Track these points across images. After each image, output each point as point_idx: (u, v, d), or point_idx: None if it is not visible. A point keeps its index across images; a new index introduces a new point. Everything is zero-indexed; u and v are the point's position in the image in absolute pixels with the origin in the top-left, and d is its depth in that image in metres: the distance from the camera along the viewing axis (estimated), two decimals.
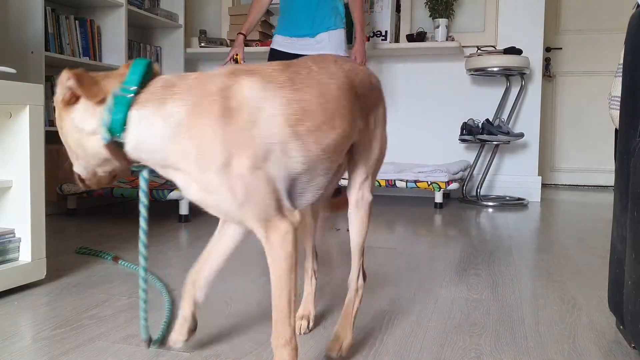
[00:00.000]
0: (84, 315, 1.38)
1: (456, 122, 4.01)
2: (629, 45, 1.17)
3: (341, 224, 2.79)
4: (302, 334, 1.28)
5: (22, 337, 1.24)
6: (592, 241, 2.46)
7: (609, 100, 1.33)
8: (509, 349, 1.22)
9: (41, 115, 1.62)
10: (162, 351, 1.17)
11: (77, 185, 2.90)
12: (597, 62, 5.02)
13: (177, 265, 1.89)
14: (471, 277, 1.81)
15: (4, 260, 1.56)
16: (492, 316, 1.43)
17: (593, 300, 1.58)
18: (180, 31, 4.10)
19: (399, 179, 3.53)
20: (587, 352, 1.20)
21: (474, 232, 2.66)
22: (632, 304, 1.07)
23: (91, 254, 2.05)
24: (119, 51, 3.47)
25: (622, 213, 1.16)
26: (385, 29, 3.84)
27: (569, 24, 5.06)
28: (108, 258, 1.97)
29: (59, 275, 1.76)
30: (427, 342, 1.24)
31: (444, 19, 3.79)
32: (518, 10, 3.87)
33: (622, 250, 1.17)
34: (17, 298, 1.52)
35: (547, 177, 5.17)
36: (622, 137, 1.18)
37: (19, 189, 1.60)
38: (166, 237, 2.39)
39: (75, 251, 2.09)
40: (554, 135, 5.16)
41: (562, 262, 2.05)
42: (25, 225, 1.60)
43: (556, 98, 5.14)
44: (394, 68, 4.10)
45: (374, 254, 2.13)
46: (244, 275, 1.78)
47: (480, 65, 3.63)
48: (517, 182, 3.94)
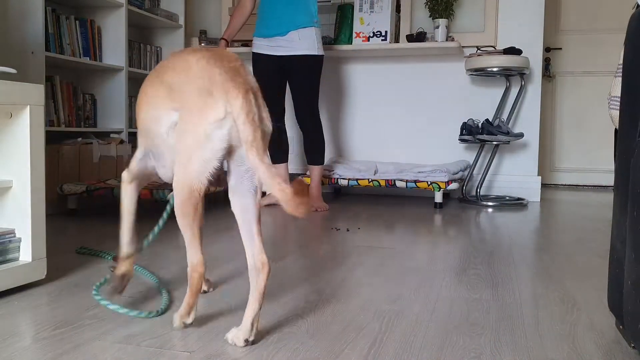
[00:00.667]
0: (84, 315, 1.39)
1: (456, 122, 4.01)
2: (629, 45, 1.17)
3: (341, 224, 2.79)
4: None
5: (22, 336, 1.24)
6: (592, 241, 2.46)
7: (609, 100, 1.33)
8: (509, 348, 1.22)
9: (41, 116, 1.62)
10: (162, 351, 1.17)
11: (77, 185, 2.90)
12: (597, 62, 5.03)
13: (177, 265, 1.90)
14: (471, 277, 1.81)
15: (4, 260, 1.57)
16: (492, 316, 1.43)
17: (593, 300, 1.59)
18: (181, 31, 4.10)
19: (399, 179, 3.53)
20: (587, 352, 1.20)
21: (474, 232, 2.66)
22: (632, 303, 1.07)
23: (91, 254, 2.05)
24: (120, 51, 3.48)
25: (622, 213, 1.16)
26: (385, 29, 3.84)
27: (568, 24, 5.06)
28: (108, 258, 1.97)
29: (59, 275, 1.76)
30: (427, 342, 1.24)
31: (443, 19, 3.80)
32: (518, 11, 3.87)
33: (622, 250, 1.17)
34: (17, 298, 1.52)
35: (547, 177, 5.17)
36: (622, 137, 1.18)
37: (19, 189, 1.60)
38: (166, 237, 2.39)
39: (75, 251, 2.10)
40: (554, 135, 5.16)
41: (562, 262, 2.05)
42: (26, 225, 1.60)
43: (556, 98, 5.14)
44: (394, 68, 4.10)
45: (374, 253, 2.13)
46: (243, 276, 1.78)
47: (480, 65, 3.63)
48: (516, 182, 3.94)
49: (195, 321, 1.29)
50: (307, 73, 3.24)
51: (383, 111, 4.15)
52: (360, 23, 3.89)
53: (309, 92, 3.27)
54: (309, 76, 3.25)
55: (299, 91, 3.27)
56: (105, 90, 3.50)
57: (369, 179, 3.59)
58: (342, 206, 3.49)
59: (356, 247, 2.24)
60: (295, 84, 3.28)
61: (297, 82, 3.27)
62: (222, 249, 2.16)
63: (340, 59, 4.20)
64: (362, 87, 4.18)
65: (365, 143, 4.20)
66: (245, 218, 1.23)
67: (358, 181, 3.61)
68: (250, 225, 1.23)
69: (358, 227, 2.71)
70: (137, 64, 3.84)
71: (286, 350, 1.18)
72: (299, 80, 3.26)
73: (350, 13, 3.96)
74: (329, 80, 4.23)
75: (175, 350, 1.17)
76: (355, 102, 4.20)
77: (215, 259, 1.97)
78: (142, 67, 3.89)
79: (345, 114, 4.22)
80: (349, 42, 3.96)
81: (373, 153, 4.18)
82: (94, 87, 3.51)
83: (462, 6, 3.97)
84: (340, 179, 3.65)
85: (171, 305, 1.47)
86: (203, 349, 1.19)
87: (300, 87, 3.27)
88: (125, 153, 3.40)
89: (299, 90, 3.27)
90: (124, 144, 3.40)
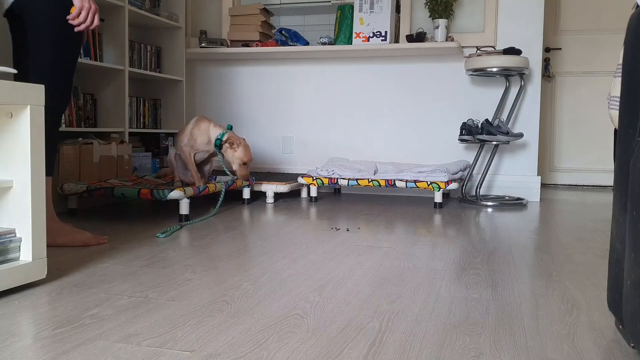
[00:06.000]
0: (84, 315, 1.39)
1: (456, 122, 4.01)
2: (629, 46, 1.17)
3: (341, 224, 2.79)
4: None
5: (23, 336, 1.25)
6: (592, 241, 2.46)
7: (609, 101, 1.33)
8: (509, 348, 1.22)
9: (42, 116, 1.62)
10: (162, 350, 1.17)
11: (77, 185, 2.91)
12: (597, 62, 5.03)
13: (177, 265, 1.90)
14: (471, 277, 1.81)
15: (5, 260, 1.57)
16: (492, 315, 1.43)
17: (592, 299, 1.59)
18: (181, 32, 4.10)
19: (398, 179, 3.53)
20: (587, 352, 1.21)
21: (474, 231, 2.66)
22: (631, 303, 1.07)
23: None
24: (120, 51, 3.48)
25: (621, 213, 1.17)
26: (385, 30, 3.84)
27: (568, 24, 5.06)
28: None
29: (60, 274, 1.76)
30: (426, 342, 1.25)
31: (443, 19, 3.80)
32: (517, 11, 3.87)
33: (622, 249, 1.17)
34: (18, 297, 1.52)
35: (547, 177, 5.17)
36: (622, 137, 1.18)
37: (19, 188, 1.60)
38: (167, 237, 2.39)
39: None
40: (554, 135, 5.16)
41: (561, 261, 2.06)
42: (26, 225, 1.60)
43: (555, 98, 5.15)
44: (394, 68, 4.11)
45: (373, 253, 2.13)
46: (243, 275, 1.78)
47: (479, 65, 3.63)
48: (516, 182, 3.94)
49: (196, 321, 1.29)
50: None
51: (383, 111, 4.15)
52: (360, 23, 3.90)
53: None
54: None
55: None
56: (106, 90, 3.50)
57: (369, 179, 3.59)
58: (342, 206, 3.49)
59: (356, 247, 2.24)
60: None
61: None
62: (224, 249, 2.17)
63: (340, 59, 4.21)
64: (361, 87, 4.18)
65: (365, 143, 4.20)
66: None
67: (358, 181, 3.61)
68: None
69: (358, 227, 2.71)
70: (137, 64, 3.84)
71: (286, 350, 1.19)
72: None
73: (350, 13, 3.97)
74: (329, 80, 4.23)
75: (175, 350, 1.18)
76: (355, 102, 4.20)
77: (213, 259, 1.98)
78: (142, 67, 3.89)
79: (345, 113, 4.23)
80: (348, 42, 3.97)
81: (373, 153, 4.18)
82: (95, 87, 3.51)
83: (461, 6, 3.98)
84: (340, 179, 3.66)
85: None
86: (203, 349, 1.19)
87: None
88: (126, 153, 3.40)
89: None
90: (124, 144, 3.40)
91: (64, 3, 2.01)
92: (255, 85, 4.40)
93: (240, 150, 3.03)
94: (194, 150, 3.05)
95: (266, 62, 4.36)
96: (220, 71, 4.45)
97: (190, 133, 3.05)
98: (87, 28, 2.05)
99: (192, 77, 4.50)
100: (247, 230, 2.57)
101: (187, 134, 3.07)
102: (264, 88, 4.38)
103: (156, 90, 4.17)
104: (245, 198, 3.51)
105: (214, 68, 4.46)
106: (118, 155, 3.34)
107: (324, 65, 4.25)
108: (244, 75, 4.42)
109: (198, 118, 3.10)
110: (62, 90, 2.07)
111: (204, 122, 3.07)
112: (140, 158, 3.76)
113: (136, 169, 3.70)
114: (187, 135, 3.06)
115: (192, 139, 3.04)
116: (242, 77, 4.42)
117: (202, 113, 4.48)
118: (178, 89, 4.14)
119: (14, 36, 2.15)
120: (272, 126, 4.38)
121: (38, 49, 2.01)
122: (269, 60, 4.36)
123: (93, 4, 2.03)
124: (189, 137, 3.05)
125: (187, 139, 3.06)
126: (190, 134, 3.05)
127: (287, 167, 4.37)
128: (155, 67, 4.06)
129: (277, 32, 4.19)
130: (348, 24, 3.98)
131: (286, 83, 4.33)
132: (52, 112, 2.01)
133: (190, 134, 3.05)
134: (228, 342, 1.23)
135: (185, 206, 2.81)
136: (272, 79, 4.36)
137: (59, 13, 2.01)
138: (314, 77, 4.27)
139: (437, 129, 4.06)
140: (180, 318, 1.37)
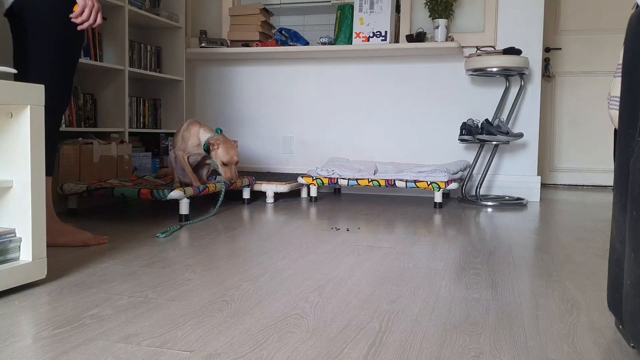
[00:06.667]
0: (84, 315, 1.39)
1: (456, 122, 4.01)
2: (629, 46, 1.17)
3: (341, 224, 2.79)
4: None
5: (23, 336, 1.25)
6: (592, 241, 2.46)
7: (608, 101, 1.33)
8: (509, 348, 1.22)
9: (42, 116, 1.62)
10: (162, 350, 1.17)
11: (77, 185, 2.91)
12: (597, 62, 5.03)
13: (177, 265, 1.90)
14: (470, 277, 1.81)
15: (5, 260, 1.57)
16: (492, 315, 1.43)
17: (592, 299, 1.59)
18: (181, 32, 4.10)
19: (398, 179, 3.53)
20: (587, 352, 1.21)
21: (474, 231, 2.66)
22: (631, 303, 1.07)
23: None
24: (120, 51, 3.48)
25: (621, 213, 1.17)
26: (385, 30, 3.84)
27: (568, 24, 5.06)
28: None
29: (60, 274, 1.76)
30: (426, 342, 1.25)
31: (443, 19, 3.80)
32: (517, 11, 3.87)
33: (622, 249, 1.17)
34: (18, 297, 1.52)
35: (547, 177, 5.17)
36: (622, 137, 1.18)
37: (19, 188, 1.60)
38: (167, 237, 2.39)
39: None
40: (553, 135, 5.16)
41: (561, 261, 2.06)
42: (26, 225, 1.60)
43: (555, 98, 5.15)
44: (394, 68, 4.11)
45: (373, 253, 2.13)
46: (243, 275, 1.78)
47: (479, 65, 3.63)
48: (516, 182, 3.94)
49: (195, 321, 1.29)
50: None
51: (383, 111, 4.15)
52: (360, 23, 3.90)
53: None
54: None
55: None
56: (106, 90, 3.50)
57: (368, 179, 3.59)
58: (342, 206, 3.49)
59: (356, 247, 2.24)
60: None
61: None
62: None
63: (340, 59, 4.21)
64: (361, 87, 4.18)
65: (365, 143, 4.20)
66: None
67: (358, 181, 3.61)
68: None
69: (358, 227, 2.71)
70: (137, 64, 3.84)
71: (286, 349, 1.19)
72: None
73: (350, 13, 3.97)
74: (329, 80, 4.23)
75: (175, 350, 1.18)
76: (355, 102, 4.20)
77: (214, 258, 1.98)
78: (142, 67, 3.89)
79: (345, 113, 4.22)
80: (348, 42, 3.97)
81: (373, 153, 4.19)
82: (95, 87, 3.51)
83: (461, 6, 3.98)
84: (340, 179, 3.66)
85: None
86: (203, 348, 1.19)
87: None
88: (126, 153, 3.40)
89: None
90: (124, 144, 3.40)
91: (64, 3, 2.01)
92: (255, 85, 4.40)
93: (220, 151, 2.98)
94: (187, 153, 3.06)
95: (266, 62, 4.36)
96: (220, 71, 4.45)
97: (182, 136, 3.07)
98: (90, 26, 2.04)
99: (192, 77, 4.50)
100: (247, 230, 2.57)
101: (179, 137, 3.10)
102: (264, 88, 4.38)
103: (156, 90, 4.17)
104: (245, 198, 3.51)
105: (214, 68, 4.46)
106: (118, 155, 3.34)
107: (324, 65, 4.25)
108: (244, 75, 4.42)
109: (190, 122, 3.11)
110: (62, 90, 2.07)
111: (195, 126, 3.08)
112: (140, 158, 3.76)
113: (136, 169, 3.70)
114: (180, 138, 3.09)
115: (184, 142, 3.06)
116: (242, 77, 4.42)
117: (202, 113, 4.49)
118: (178, 89, 4.14)
119: (14, 36, 2.15)
120: (272, 126, 4.38)
121: (38, 49, 2.01)
122: (269, 60, 4.36)
123: (96, 2, 2.02)
124: (181, 140, 3.08)
125: (180, 142, 3.08)
126: (182, 137, 3.07)
127: (287, 167, 4.37)
128: (155, 67, 4.06)
129: (277, 32, 4.19)
130: (348, 23, 3.98)
131: (286, 83, 4.33)
132: (52, 112, 2.01)
133: (182, 137, 3.08)
134: (228, 342, 1.23)
135: (185, 206, 2.81)
136: (272, 79, 4.36)
137: (60, 13, 2.01)
138: (314, 77, 4.27)
139: (437, 128, 4.06)
140: (180, 318, 1.37)
